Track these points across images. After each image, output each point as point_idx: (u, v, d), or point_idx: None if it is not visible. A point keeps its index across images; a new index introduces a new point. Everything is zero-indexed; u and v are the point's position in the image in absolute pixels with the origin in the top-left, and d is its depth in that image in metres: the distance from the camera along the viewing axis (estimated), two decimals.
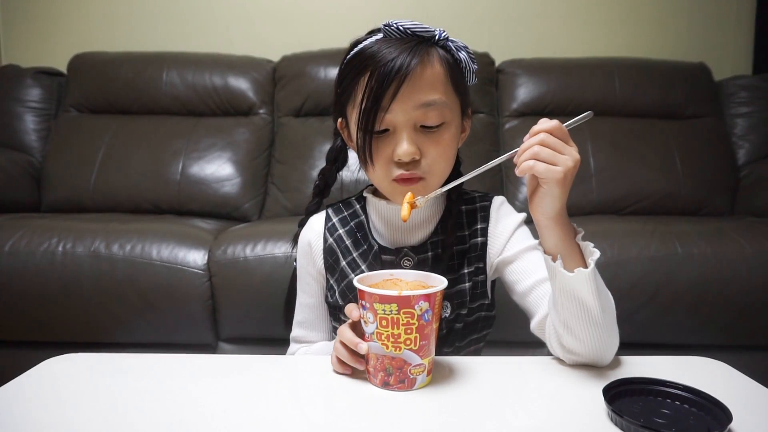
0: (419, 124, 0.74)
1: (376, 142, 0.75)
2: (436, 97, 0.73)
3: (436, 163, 0.75)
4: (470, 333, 0.83)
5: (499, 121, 2.03)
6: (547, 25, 2.29)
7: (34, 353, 0.87)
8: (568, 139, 0.65)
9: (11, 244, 1.36)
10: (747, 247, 1.32)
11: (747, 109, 2.04)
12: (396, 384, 0.66)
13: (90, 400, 0.64)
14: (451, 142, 0.76)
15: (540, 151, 0.63)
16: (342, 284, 0.83)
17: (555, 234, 0.67)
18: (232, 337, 1.40)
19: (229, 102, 2.03)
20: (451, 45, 0.76)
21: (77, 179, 1.89)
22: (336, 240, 0.84)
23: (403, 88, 0.70)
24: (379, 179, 0.78)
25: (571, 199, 0.66)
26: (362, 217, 0.85)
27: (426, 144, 0.74)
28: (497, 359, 0.77)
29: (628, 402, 0.60)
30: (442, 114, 0.74)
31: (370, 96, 0.71)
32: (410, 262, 0.80)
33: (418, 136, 0.74)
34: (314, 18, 2.27)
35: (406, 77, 0.70)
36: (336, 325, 0.87)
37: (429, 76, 0.73)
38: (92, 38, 2.28)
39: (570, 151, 0.64)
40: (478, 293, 0.82)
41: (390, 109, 0.71)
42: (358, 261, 0.82)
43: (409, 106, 0.72)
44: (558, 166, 0.63)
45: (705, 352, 0.81)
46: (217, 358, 0.80)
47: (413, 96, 0.71)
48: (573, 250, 0.67)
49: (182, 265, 1.35)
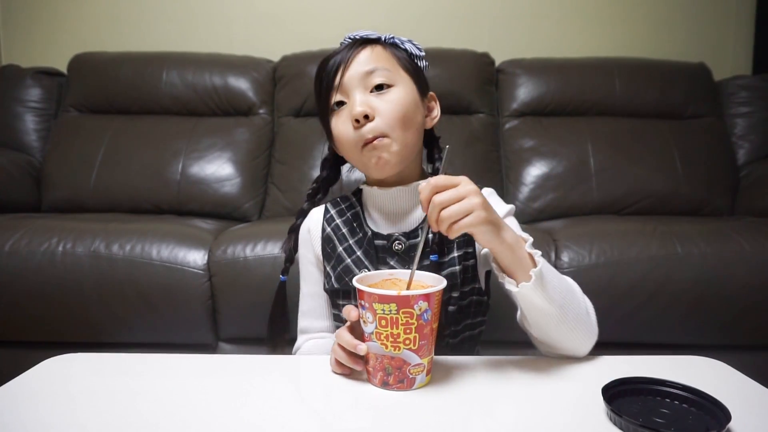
0: (369, 87, 0.81)
1: (336, 117, 0.83)
2: (378, 65, 0.82)
3: (392, 120, 0.80)
4: (464, 317, 0.85)
5: (499, 121, 2.03)
6: (547, 25, 2.29)
7: (34, 353, 0.88)
8: (449, 182, 0.66)
9: (11, 243, 1.36)
10: (747, 247, 1.32)
11: (747, 109, 2.04)
12: (395, 384, 0.66)
13: (90, 400, 0.64)
14: (402, 101, 0.81)
15: (449, 212, 0.65)
16: (338, 269, 0.85)
17: (506, 254, 0.69)
18: (232, 337, 1.40)
19: (229, 102, 2.03)
20: (396, 41, 0.86)
21: (77, 179, 1.89)
22: (333, 229, 0.89)
23: (349, 68, 0.81)
24: (350, 153, 0.84)
25: (571, 199, 0.66)
26: (358, 208, 0.90)
27: (376, 102, 0.80)
28: (496, 359, 0.77)
29: (627, 401, 0.60)
30: (387, 77, 0.81)
31: (323, 82, 0.83)
32: (401, 245, 0.84)
33: (368, 97, 0.81)
34: (314, 18, 2.27)
35: (348, 61, 0.82)
36: (336, 312, 0.90)
37: (370, 55, 0.83)
38: (92, 38, 2.28)
39: (465, 191, 0.65)
40: (469, 277, 0.84)
41: (340, 85, 0.82)
42: (354, 248, 0.86)
43: (354, 76, 0.81)
44: (471, 212, 0.65)
45: (704, 351, 0.81)
46: (216, 358, 0.80)
47: (356, 68, 0.82)
48: (524, 261, 0.70)
49: (182, 265, 1.35)
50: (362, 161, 0.83)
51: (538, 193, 1.85)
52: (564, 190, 1.83)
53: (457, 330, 0.86)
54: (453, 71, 1.98)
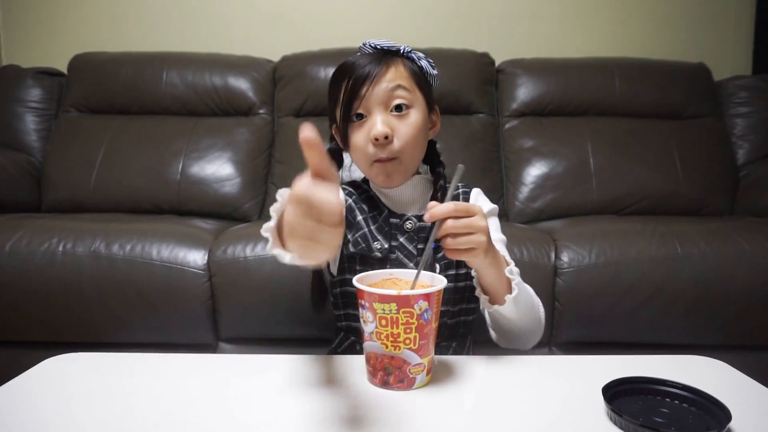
0: (389, 106, 0.86)
1: (356, 129, 0.87)
2: (401, 82, 0.87)
3: (407, 144, 0.86)
4: (461, 300, 0.91)
5: (498, 121, 2.03)
6: (547, 26, 2.29)
7: (34, 353, 0.88)
8: (467, 212, 0.71)
9: (11, 244, 1.36)
10: (747, 247, 1.32)
11: (747, 109, 2.04)
12: (395, 383, 0.66)
13: (89, 400, 0.64)
14: (418, 125, 0.88)
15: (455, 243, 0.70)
16: (356, 235, 0.90)
17: (488, 276, 0.78)
18: (232, 337, 1.40)
19: (229, 102, 2.03)
20: (413, 56, 0.91)
21: (77, 179, 1.89)
22: (354, 201, 0.94)
23: (374, 84, 0.86)
24: (360, 162, 0.90)
25: (571, 199, 0.67)
26: (372, 191, 0.95)
27: (396, 125, 0.86)
28: (496, 358, 0.77)
29: (627, 401, 0.60)
30: (407, 99, 0.87)
31: (348, 92, 0.87)
32: (412, 224, 0.90)
33: (389, 118, 0.86)
34: (314, 18, 2.27)
35: (376, 76, 0.86)
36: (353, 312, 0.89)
37: (393, 73, 0.88)
38: (92, 38, 2.28)
39: (477, 227, 0.71)
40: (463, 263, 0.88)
41: (364, 98, 0.86)
42: (370, 221, 0.92)
43: (379, 93, 0.86)
44: (475, 248, 0.71)
45: (704, 351, 0.82)
46: (216, 357, 0.80)
47: (382, 86, 0.86)
48: (503, 283, 0.78)
49: (182, 265, 1.35)
50: (370, 173, 0.91)
51: (538, 193, 1.85)
52: (564, 190, 1.82)
53: (453, 311, 0.90)
54: (453, 71, 1.97)
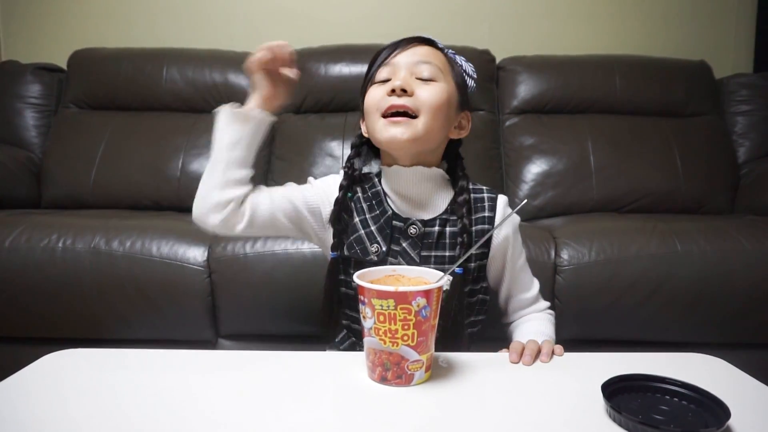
0: (415, 75, 0.85)
1: (376, 88, 0.86)
2: (432, 60, 0.86)
3: (424, 103, 0.83)
4: (469, 314, 0.89)
5: (499, 119, 2.03)
6: (547, 23, 2.28)
7: (33, 349, 0.87)
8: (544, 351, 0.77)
9: (11, 240, 1.36)
10: (747, 245, 1.32)
11: (747, 107, 2.03)
12: (393, 379, 0.66)
13: (89, 396, 0.64)
14: (442, 96, 0.85)
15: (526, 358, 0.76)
16: (351, 238, 0.87)
17: None
18: (231, 333, 1.40)
19: (229, 98, 1.96)
20: (451, 55, 0.92)
21: (77, 175, 1.88)
22: (354, 200, 0.90)
23: (407, 51, 0.86)
24: (372, 117, 0.86)
25: (571, 197, 0.67)
26: (380, 188, 0.90)
27: (417, 86, 0.84)
28: (495, 355, 0.77)
29: (626, 398, 0.60)
30: (436, 74, 0.86)
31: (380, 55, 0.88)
32: (416, 230, 0.86)
33: (412, 80, 0.85)
34: (314, 14, 2.26)
35: (411, 45, 0.87)
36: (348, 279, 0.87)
37: (428, 51, 0.88)
38: (92, 34, 2.27)
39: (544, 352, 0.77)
40: (482, 275, 0.89)
41: (391, 62, 0.86)
42: (369, 222, 0.88)
43: (409, 62, 0.86)
44: None
45: (704, 349, 0.82)
46: (216, 354, 0.80)
47: (413, 55, 0.86)
48: None
49: (182, 261, 1.35)
50: (377, 126, 0.85)
51: (538, 191, 1.85)
52: (564, 188, 1.82)
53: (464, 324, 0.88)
54: None
